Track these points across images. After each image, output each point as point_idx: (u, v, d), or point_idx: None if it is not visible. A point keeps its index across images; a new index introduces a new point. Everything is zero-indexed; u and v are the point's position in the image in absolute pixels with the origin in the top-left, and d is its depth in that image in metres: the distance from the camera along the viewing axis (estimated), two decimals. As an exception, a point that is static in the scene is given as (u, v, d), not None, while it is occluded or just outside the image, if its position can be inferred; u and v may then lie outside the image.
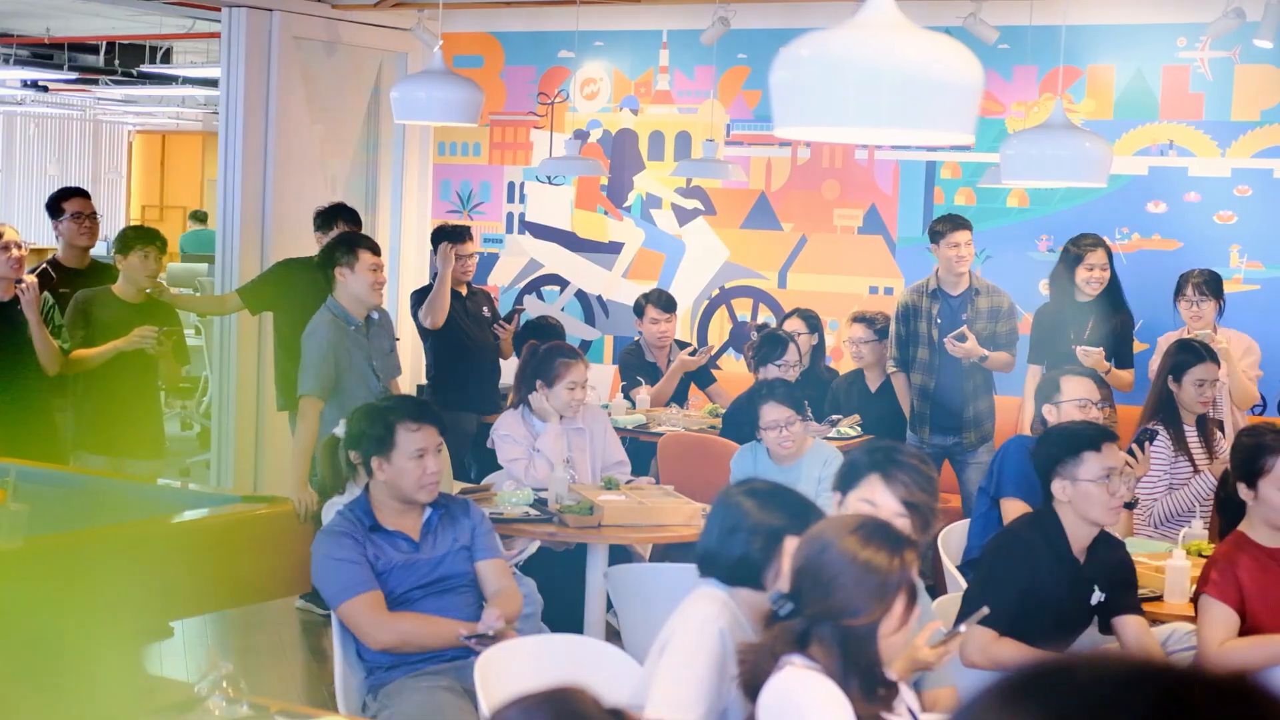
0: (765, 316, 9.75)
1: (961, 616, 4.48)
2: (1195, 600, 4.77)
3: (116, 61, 14.93)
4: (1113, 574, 4.67)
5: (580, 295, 10.42)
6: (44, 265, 7.81)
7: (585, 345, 10.21)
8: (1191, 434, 6.37)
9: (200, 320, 12.05)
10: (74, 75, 15.79)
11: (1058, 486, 4.61)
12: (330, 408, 6.61)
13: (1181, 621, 5.05)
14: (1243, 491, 4.77)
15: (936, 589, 6.24)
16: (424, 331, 8.63)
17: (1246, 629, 4.63)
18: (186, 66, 15.35)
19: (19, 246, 7.00)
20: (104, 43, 14.80)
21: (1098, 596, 4.63)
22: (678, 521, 6.09)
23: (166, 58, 15.16)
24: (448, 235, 8.60)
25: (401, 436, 4.73)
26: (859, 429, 7.99)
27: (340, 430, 5.07)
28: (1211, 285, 7.40)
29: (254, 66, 9.28)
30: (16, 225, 7.50)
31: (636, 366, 8.98)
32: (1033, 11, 8.11)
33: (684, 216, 10.08)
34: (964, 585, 5.17)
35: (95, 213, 7.96)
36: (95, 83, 16.72)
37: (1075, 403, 5.87)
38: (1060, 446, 4.68)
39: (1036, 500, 4.95)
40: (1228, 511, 4.99)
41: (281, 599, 7.36)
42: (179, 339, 7.49)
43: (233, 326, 9.32)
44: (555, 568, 6.44)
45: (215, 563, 5.36)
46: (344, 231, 7.69)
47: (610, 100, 10.28)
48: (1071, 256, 7.54)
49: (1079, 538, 4.62)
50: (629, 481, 6.68)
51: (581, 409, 6.74)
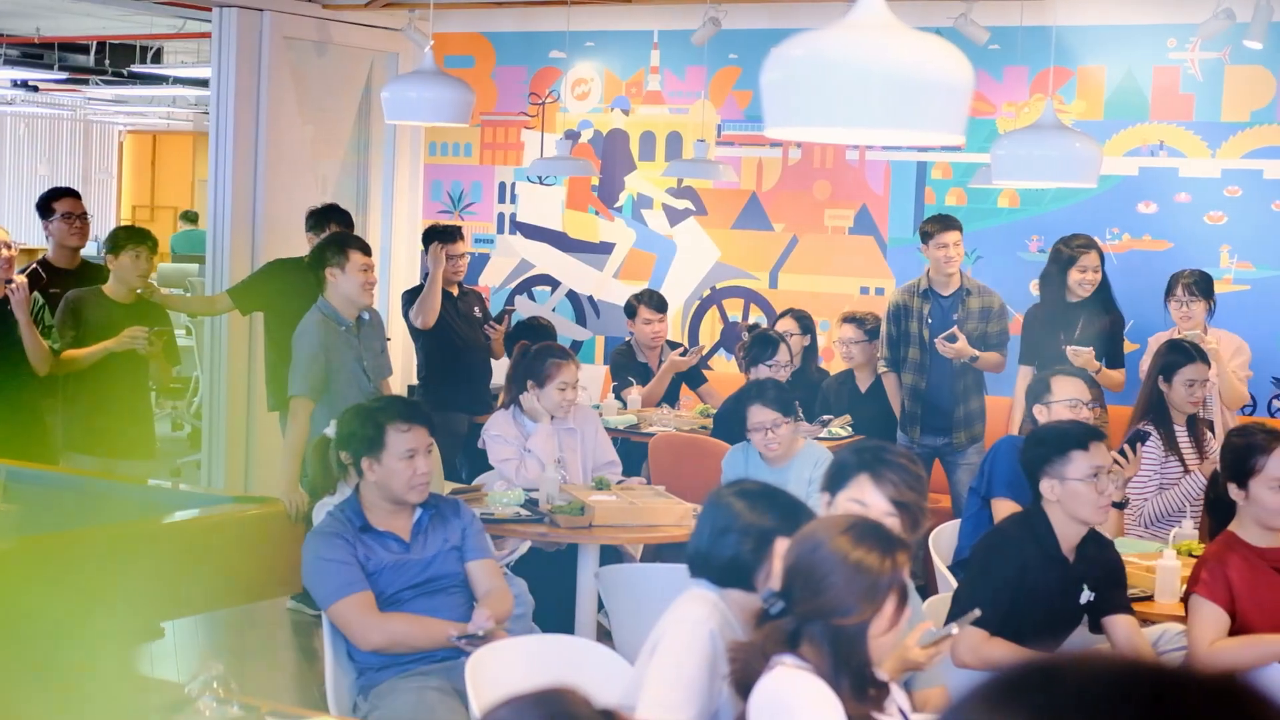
0: (756, 317, 9.75)
1: (951, 616, 4.48)
2: (1186, 600, 4.78)
3: (107, 61, 14.91)
4: (1102, 573, 4.67)
5: (571, 295, 10.42)
6: (34, 265, 7.80)
7: (576, 346, 10.20)
8: (1182, 434, 6.37)
9: (191, 321, 12.04)
10: (64, 75, 15.77)
11: (1046, 486, 4.62)
12: (321, 408, 6.60)
13: (1172, 622, 5.05)
14: (1233, 492, 4.78)
15: (927, 589, 6.24)
16: (415, 332, 8.62)
17: (1237, 629, 4.64)
18: (177, 66, 15.34)
19: (9, 247, 6.99)
20: (94, 42, 14.78)
21: (1087, 596, 4.64)
22: (669, 522, 6.09)
23: (157, 58, 15.14)
24: (439, 235, 8.60)
25: (391, 437, 4.72)
26: (850, 429, 8.00)
27: (331, 431, 5.06)
28: (1201, 286, 7.41)
29: (245, 66, 9.27)
30: (6, 225, 7.50)
31: (628, 367, 8.98)
32: (1023, 12, 8.12)
33: (675, 217, 10.08)
34: (955, 585, 5.17)
35: (86, 213, 7.95)
36: (86, 83, 16.70)
37: (1066, 403, 5.88)
38: (1048, 446, 4.68)
39: (1027, 500, 4.95)
40: (1217, 512, 4.99)
41: (272, 599, 7.36)
42: (170, 339, 7.47)
43: (223, 327, 9.31)
44: (546, 568, 6.43)
45: (206, 563, 5.36)
46: (334, 232, 7.68)
47: (601, 100, 10.28)
48: (1065, 258, 7.54)
49: (1068, 537, 4.62)
50: (620, 482, 6.68)
51: (573, 409, 6.74)
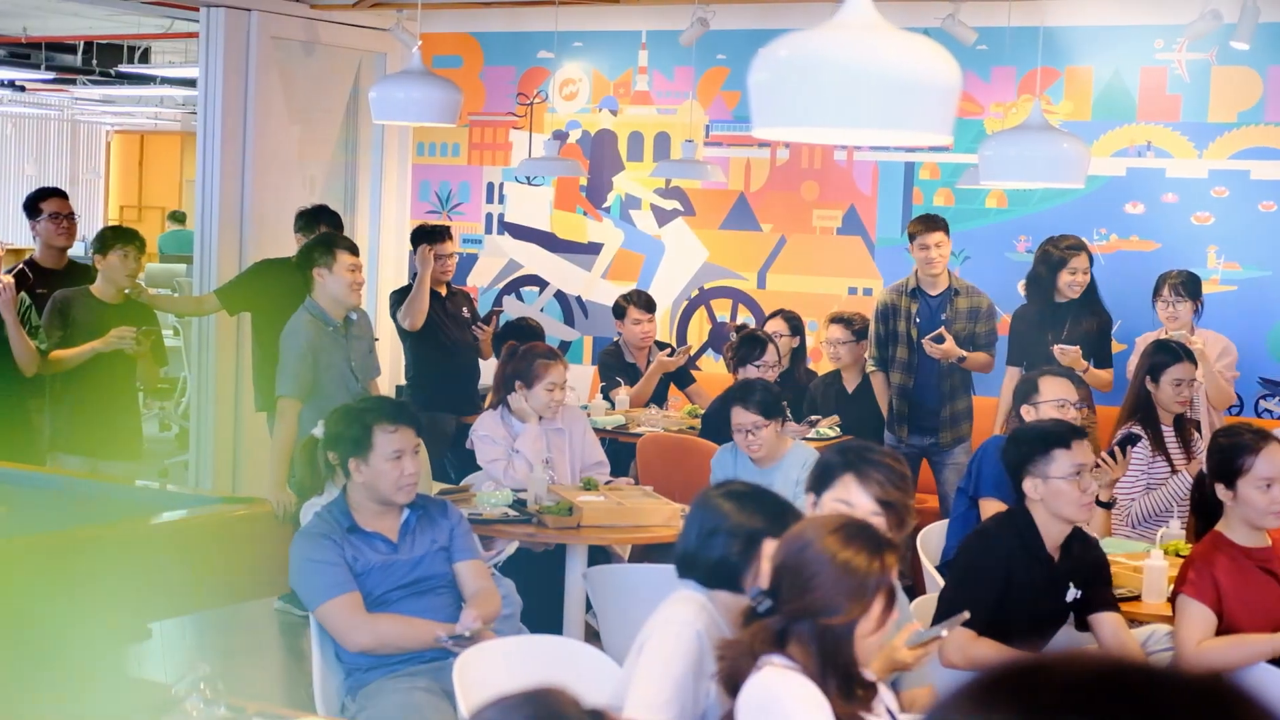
0: (744, 317, 9.75)
1: (938, 617, 4.48)
2: (1173, 600, 4.79)
3: (94, 61, 14.88)
4: (1087, 571, 4.68)
5: (559, 296, 10.42)
6: (21, 266, 7.78)
7: (564, 346, 10.20)
8: (1169, 434, 6.38)
9: (179, 321, 12.02)
10: (51, 75, 15.73)
11: (1029, 485, 4.63)
12: (309, 408, 6.59)
13: (1161, 623, 5.06)
14: (1221, 492, 4.77)
15: (915, 589, 6.25)
16: (403, 332, 8.61)
17: (1224, 629, 4.64)
18: (165, 66, 15.32)
19: (-5, 247, 6.98)
20: (82, 42, 14.75)
21: (1073, 594, 4.64)
22: (657, 522, 6.09)
23: (145, 57, 15.12)
24: (427, 235, 8.58)
25: (379, 438, 4.72)
26: (838, 430, 8.00)
27: (319, 431, 5.06)
28: (1189, 286, 7.42)
29: (232, 66, 9.26)
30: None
31: (616, 367, 8.97)
32: (1011, 13, 8.12)
33: (663, 217, 10.08)
34: (943, 586, 5.17)
35: (73, 213, 7.94)
36: (73, 82, 16.66)
37: (1053, 403, 5.87)
38: (1030, 445, 4.69)
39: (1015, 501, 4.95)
40: (1202, 513, 4.99)
41: (260, 600, 7.35)
42: (157, 340, 7.46)
43: (211, 327, 9.29)
44: (534, 568, 6.43)
45: (194, 564, 5.35)
46: (323, 232, 7.67)
47: (589, 101, 10.27)
48: (1055, 260, 7.54)
49: (1052, 536, 4.63)
50: (608, 482, 6.67)
51: (560, 410, 6.73)
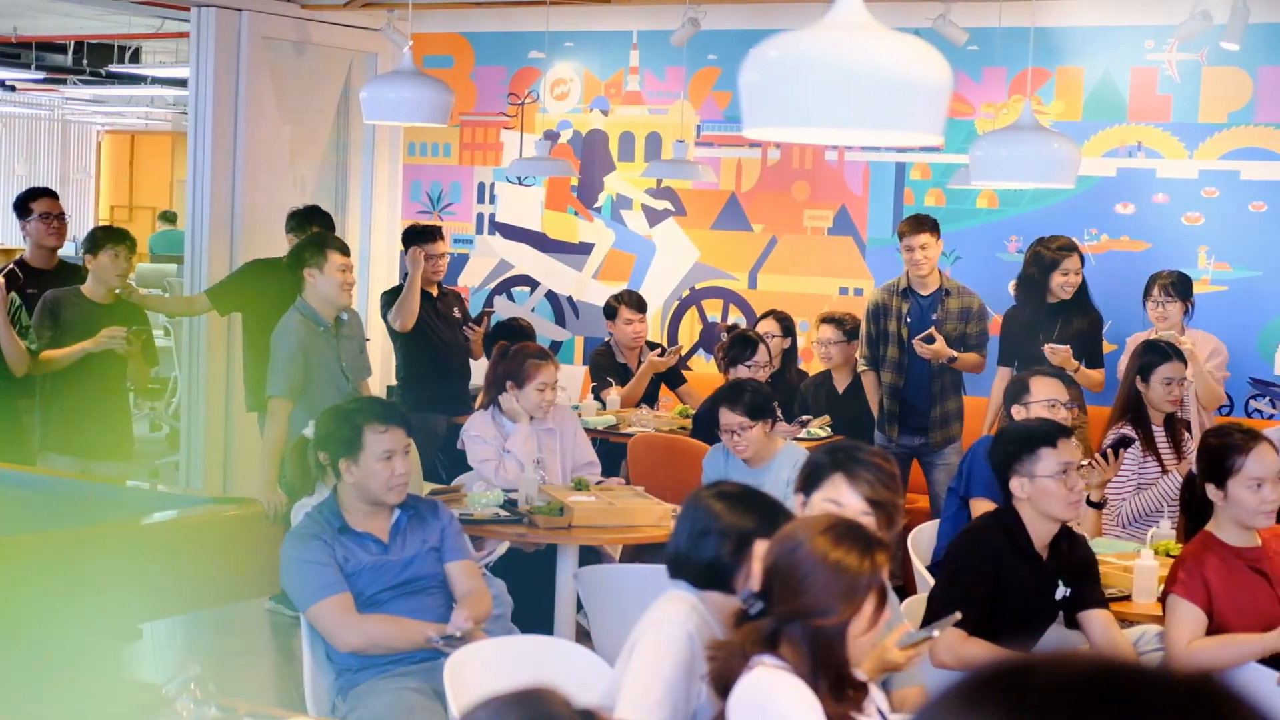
0: (735, 317, 9.75)
1: (928, 616, 4.49)
2: (1163, 600, 4.79)
3: (85, 61, 14.86)
4: (1076, 569, 4.69)
5: (550, 296, 10.42)
6: (11, 266, 7.77)
7: (555, 346, 10.20)
8: (1160, 434, 6.39)
9: (169, 321, 12.00)
10: (42, 75, 15.72)
11: (1016, 484, 4.63)
12: (300, 409, 6.59)
13: (1151, 623, 5.07)
14: (1211, 492, 4.78)
15: (906, 589, 6.26)
16: (394, 333, 8.60)
17: (1214, 628, 4.65)
18: (155, 66, 15.30)
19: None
20: (72, 42, 14.73)
21: (1062, 591, 4.66)
22: (648, 522, 6.09)
23: (135, 57, 15.10)
24: (418, 235, 8.57)
25: (369, 438, 4.71)
26: (829, 430, 8.00)
27: (309, 431, 5.05)
28: (1179, 286, 7.43)
29: (223, 66, 9.25)
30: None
31: (607, 367, 8.97)
32: (1001, 13, 8.13)
33: (654, 217, 10.08)
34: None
35: (63, 213, 7.92)
36: (63, 82, 16.65)
37: (1044, 403, 5.87)
38: (1016, 444, 4.70)
39: (1007, 501, 4.96)
40: (1192, 513, 4.99)
41: (251, 600, 7.34)
42: (148, 340, 7.45)
43: (202, 327, 9.29)
44: (525, 569, 6.42)
45: (184, 564, 5.34)
46: (314, 232, 7.66)
47: (580, 101, 10.27)
48: (1047, 262, 7.54)
49: (1040, 534, 4.63)
50: (599, 482, 6.67)
51: (551, 410, 6.73)
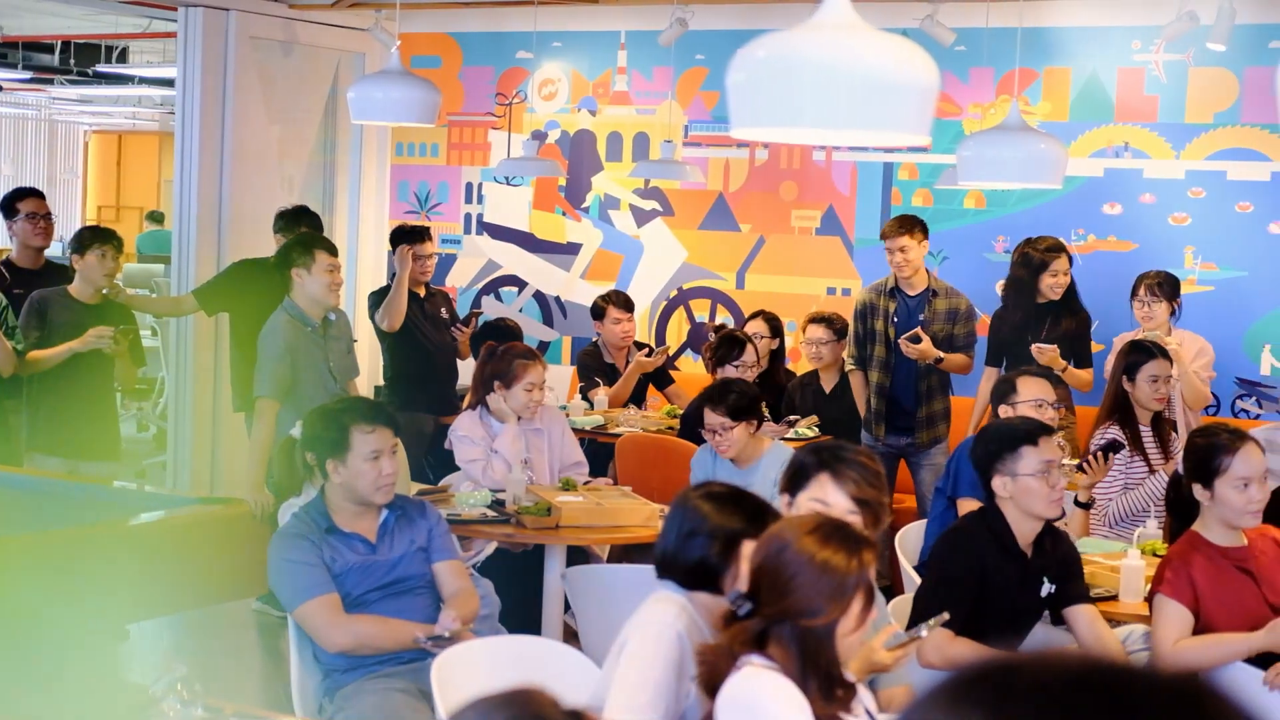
0: (723, 317, 9.76)
1: (914, 616, 4.49)
2: (1150, 600, 4.80)
3: (72, 61, 14.84)
4: (1060, 565, 4.71)
5: (538, 296, 10.41)
6: (-2, 266, 7.77)
7: (543, 346, 10.19)
8: (1147, 434, 6.40)
9: (156, 321, 11.99)
10: (29, 74, 15.69)
11: (998, 483, 4.64)
12: (287, 409, 6.58)
13: (1138, 623, 5.07)
14: (1198, 492, 4.78)
15: (893, 589, 6.26)
16: (381, 333, 8.59)
17: (1200, 628, 4.66)
18: (142, 66, 15.28)
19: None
20: (59, 42, 14.70)
21: (1047, 588, 4.67)
22: (635, 522, 6.09)
23: (122, 57, 15.08)
24: (406, 236, 8.57)
25: (356, 438, 4.71)
26: (816, 430, 8.00)
27: (297, 432, 5.04)
28: (1165, 287, 7.43)
29: (210, 66, 9.24)
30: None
31: (595, 368, 8.97)
32: (989, 14, 8.14)
33: (642, 217, 10.08)
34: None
35: (50, 213, 7.91)
36: (50, 82, 16.62)
37: (1031, 403, 5.88)
38: (998, 443, 4.71)
39: (994, 501, 4.96)
40: (1178, 513, 5.00)
41: (238, 600, 7.33)
42: (135, 340, 7.44)
43: (189, 328, 9.27)
44: (513, 569, 6.42)
45: (172, 565, 5.33)
46: (301, 232, 7.65)
47: (568, 101, 10.27)
48: (1036, 263, 7.55)
49: (1024, 533, 4.65)
50: (587, 483, 6.67)
51: (539, 410, 6.73)
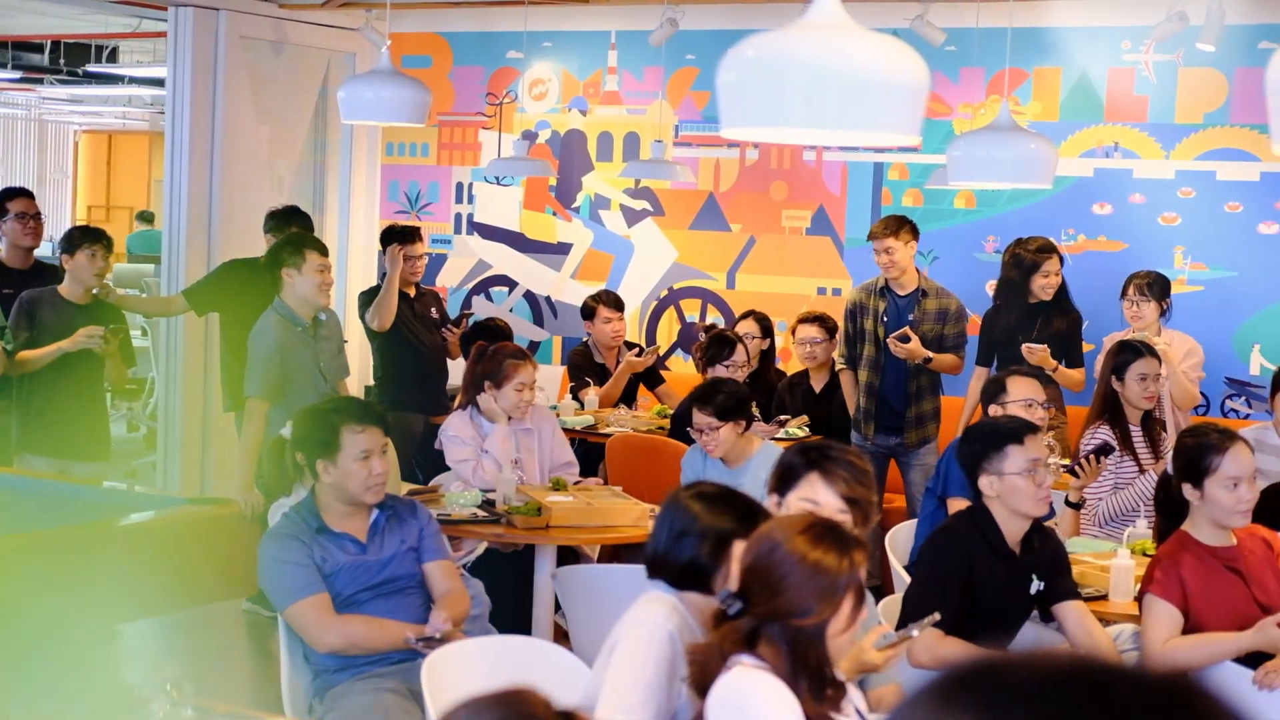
0: (714, 317, 9.76)
1: (903, 616, 4.50)
2: (1140, 599, 4.81)
3: (61, 60, 14.80)
4: (1048, 562, 4.72)
5: (529, 296, 10.41)
6: (-13, 266, 7.75)
7: (534, 346, 10.19)
8: (1137, 434, 6.41)
9: (146, 321, 11.97)
10: (18, 74, 15.66)
11: (985, 482, 4.65)
12: (277, 409, 6.57)
13: (1128, 622, 5.08)
14: (1188, 492, 4.79)
15: (883, 589, 6.27)
16: (371, 333, 8.59)
17: (1190, 628, 4.67)
18: (132, 66, 15.24)
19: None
20: (49, 41, 14.67)
21: (1036, 586, 4.68)
22: (626, 522, 6.09)
23: (112, 57, 15.05)
24: (396, 236, 8.56)
25: (346, 438, 4.71)
26: (807, 430, 8.01)
27: (287, 432, 5.04)
28: (1154, 287, 7.44)
29: (201, 66, 9.23)
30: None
31: (585, 367, 8.97)
32: (979, 14, 8.14)
33: (632, 217, 10.08)
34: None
35: (40, 213, 7.90)
36: (40, 82, 16.58)
37: (1021, 403, 5.89)
38: (984, 442, 4.72)
39: (983, 501, 4.97)
40: (1167, 512, 5.01)
41: (228, 601, 7.32)
42: (125, 340, 7.43)
43: (179, 328, 9.27)
44: (503, 569, 6.42)
45: (162, 565, 5.33)
46: (291, 232, 7.65)
47: (559, 101, 10.27)
48: (1027, 264, 7.56)
49: (1012, 531, 4.66)
50: (577, 483, 6.67)
51: (529, 410, 6.73)
